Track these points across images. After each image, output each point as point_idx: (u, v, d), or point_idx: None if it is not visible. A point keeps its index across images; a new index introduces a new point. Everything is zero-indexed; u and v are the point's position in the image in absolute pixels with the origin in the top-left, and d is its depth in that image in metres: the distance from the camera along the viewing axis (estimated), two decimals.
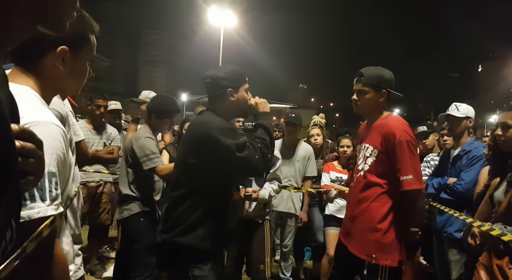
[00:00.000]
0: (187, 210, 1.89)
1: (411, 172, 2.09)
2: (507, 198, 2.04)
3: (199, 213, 1.88)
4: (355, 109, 2.36)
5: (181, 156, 2.02)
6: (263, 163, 1.89)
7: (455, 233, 2.86)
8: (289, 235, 3.83)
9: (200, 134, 1.89)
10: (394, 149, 2.13)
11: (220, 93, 1.97)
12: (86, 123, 4.05)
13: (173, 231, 1.90)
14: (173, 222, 1.92)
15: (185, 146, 2.01)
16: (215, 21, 19.49)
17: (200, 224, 1.88)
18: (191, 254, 1.89)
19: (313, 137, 4.19)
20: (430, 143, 3.82)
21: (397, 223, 2.16)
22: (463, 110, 3.02)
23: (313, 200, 4.08)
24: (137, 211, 2.95)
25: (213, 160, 1.86)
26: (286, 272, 3.88)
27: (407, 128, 2.18)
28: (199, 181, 1.90)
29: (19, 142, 0.59)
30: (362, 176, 2.27)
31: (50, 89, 1.14)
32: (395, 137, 2.12)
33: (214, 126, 1.86)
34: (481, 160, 2.84)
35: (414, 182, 2.10)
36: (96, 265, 3.96)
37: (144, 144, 2.91)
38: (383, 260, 2.14)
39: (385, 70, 2.30)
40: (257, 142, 1.91)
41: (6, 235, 0.55)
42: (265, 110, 2.08)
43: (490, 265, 2.01)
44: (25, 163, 0.61)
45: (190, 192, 1.91)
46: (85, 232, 4.09)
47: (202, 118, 2.01)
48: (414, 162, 2.13)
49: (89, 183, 3.94)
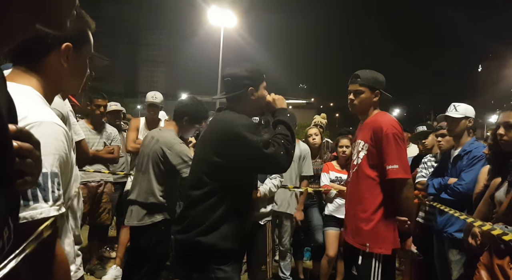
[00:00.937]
0: (208, 209, 1.85)
1: (397, 162, 2.21)
2: (508, 198, 2.03)
3: (221, 212, 1.84)
4: (350, 109, 2.49)
5: (202, 155, 1.97)
6: (288, 159, 1.87)
7: (455, 233, 2.85)
8: (286, 235, 3.84)
9: (225, 132, 1.86)
10: (381, 141, 2.26)
11: (241, 92, 1.96)
12: (86, 123, 4.04)
13: (193, 230, 1.85)
14: (192, 222, 1.88)
15: (207, 145, 1.95)
16: (215, 21, 19.46)
17: (222, 223, 1.85)
18: (213, 254, 1.85)
19: (311, 137, 4.19)
20: (430, 143, 3.82)
21: (389, 213, 2.27)
22: (461, 110, 3.02)
23: (311, 200, 4.08)
24: (161, 219, 2.80)
25: (240, 159, 1.84)
26: (285, 271, 3.88)
27: (394, 122, 2.32)
28: (223, 180, 1.87)
29: (16, 143, 0.59)
30: (356, 170, 2.42)
31: (53, 88, 1.14)
32: (382, 130, 2.27)
33: (239, 124, 1.84)
34: (482, 160, 2.84)
35: (400, 171, 2.20)
36: (96, 265, 3.97)
37: (181, 150, 2.73)
38: (377, 249, 2.24)
39: (378, 73, 2.47)
40: (280, 138, 1.88)
41: (4, 235, 0.55)
42: (282, 106, 2.07)
43: (491, 265, 2.01)
44: (23, 163, 0.61)
45: (212, 191, 1.87)
46: (85, 232, 4.10)
47: (224, 116, 1.97)
48: (400, 153, 2.24)
49: (90, 183, 3.94)
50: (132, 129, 4.19)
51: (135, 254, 2.97)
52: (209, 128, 2.02)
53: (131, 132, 4.17)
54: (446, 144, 3.30)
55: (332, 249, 3.65)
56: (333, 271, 3.86)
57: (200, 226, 1.84)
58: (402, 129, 2.36)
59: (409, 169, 2.28)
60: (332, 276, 3.85)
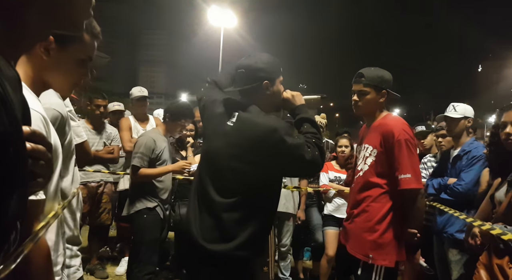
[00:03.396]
0: (243, 220, 1.72)
1: (410, 171, 2.07)
2: (508, 198, 2.04)
3: (256, 222, 1.74)
4: (355, 111, 2.32)
5: (228, 161, 1.75)
6: (323, 158, 1.75)
7: (455, 234, 2.85)
8: (287, 235, 3.84)
9: (262, 139, 1.69)
10: (392, 148, 2.11)
11: (255, 85, 1.78)
12: (86, 123, 4.04)
13: (230, 242, 1.71)
14: (226, 233, 1.72)
15: (236, 152, 1.74)
16: (215, 21, 19.45)
17: (257, 236, 1.76)
18: (249, 265, 1.79)
19: None
20: (429, 143, 3.82)
21: (396, 224, 2.15)
22: (460, 110, 3.02)
23: (310, 200, 4.08)
24: (141, 208, 3.02)
25: (280, 164, 1.72)
26: (285, 272, 3.89)
27: (406, 127, 2.17)
28: (256, 189, 1.74)
29: (30, 144, 0.59)
30: (362, 176, 2.26)
31: (36, 79, 1.12)
32: (393, 136, 2.11)
33: (277, 128, 1.67)
34: (481, 160, 2.84)
35: (413, 181, 2.07)
36: (96, 265, 3.96)
37: (142, 142, 3.04)
38: (380, 260, 2.12)
39: (385, 71, 2.29)
40: (311, 137, 1.76)
41: (11, 237, 0.56)
42: (302, 103, 1.91)
43: (490, 265, 2.01)
44: (35, 165, 0.61)
45: (244, 200, 1.72)
46: (85, 232, 4.10)
47: (251, 117, 1.76)
48: (413, 161, 2.11)
49: (90, 183, 3.94)
50: (124, 129, 4.16)
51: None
52: (235, 132, 1.77)
53: (124, 132, 4.13)
54: (447, 145, 3.30)
55: (332, 248, 3.65)
56: (333, 271, 3.86)
57: (236, 238, 1.71)
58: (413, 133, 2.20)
59: (421, 178, 2.16)
60: (332, 276, 3.85)
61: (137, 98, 4.32)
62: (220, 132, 1.81)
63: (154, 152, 3.03)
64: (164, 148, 3.10)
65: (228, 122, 1.78)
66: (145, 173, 3.00)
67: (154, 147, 3.04)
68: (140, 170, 2.99)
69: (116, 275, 3.93)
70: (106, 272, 3.91)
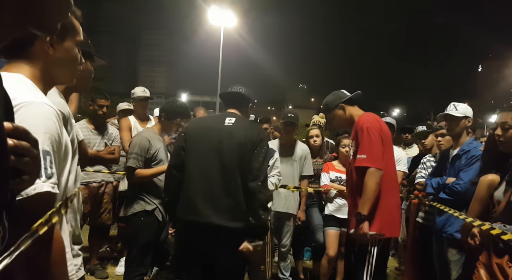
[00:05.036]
0: (242, 204, 2.22)
1: (366, 152, 2.44)
2: (506, 197, 2.04)
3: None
4: (336, 128, 3.03)
5: (237, 161, 2.21)
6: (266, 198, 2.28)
7: (455, 233, 2.85)
8: (287, 235, 3.83)
9: (254, 129, 2.31)
10: (357, 135, 2.54)
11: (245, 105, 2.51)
12: (87, 123, 4.04)
13: (239, 219, 2.18)
14: (239, 213, 2.20)
15: (242, 153, 2.22)
16: (215, 21, 19.46)
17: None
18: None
19: (312, 138, 4.16)
20: (429, 143, 3.83)
21: (385, 201, 2.48)
22: (461, 110, 3.03)
23: (311, 200, 4.08)
24: (139, 210, 2.96)
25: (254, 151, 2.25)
26: (285, 272, 3.88)
27: (371, 118, 2.56)
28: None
29: (12, 141, 0.58)
30: (350, 166, 2.67)
31: (44, 76, 1.14)
32: (358, 125, 2.54)
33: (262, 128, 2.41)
34: (480, 160, 2.85)
35: (366, 161, 2.43)
36: (96, 265, 3.97)
37: (136, 142, 3.02)
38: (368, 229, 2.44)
39: (330, 95, 2.85)
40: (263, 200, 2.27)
41: None
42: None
43: (490, 264, 2.02)
44: (19, 162, 0.59)
45: (242, 190, 2.23)
46: (86, 232, 4.10)
47: (245, 120, 2.42)
48: (372, 144, 2.45)
49: (91, 183, 3.94)
50: (124, 129, 4.14)
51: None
52: (235, 126, 2.29)
53: (124, 132, 4.10)
54: (446, 144, 3.29)
55: (332, 249, 3.65)
56: (333, 271, 3.86)
57: (242, 216, 2.18)
58: (380, 126, 2.54)
59: (378, 160, 2.44)
60: (332, 276, 3.86)
61: (140, 98, 4.32)
62: (219, 128, 2.29)
63: (149, 152, 2.98)
64: (160, 148, 3.05)
65: (227, 122, 2.30)
66: (141, 174, 2.95)
67: (148, 147, 2.98)
68: (136, 171, 2.94)
69: (116, 275, 3.93)
70: (106, 272, 3.92)
